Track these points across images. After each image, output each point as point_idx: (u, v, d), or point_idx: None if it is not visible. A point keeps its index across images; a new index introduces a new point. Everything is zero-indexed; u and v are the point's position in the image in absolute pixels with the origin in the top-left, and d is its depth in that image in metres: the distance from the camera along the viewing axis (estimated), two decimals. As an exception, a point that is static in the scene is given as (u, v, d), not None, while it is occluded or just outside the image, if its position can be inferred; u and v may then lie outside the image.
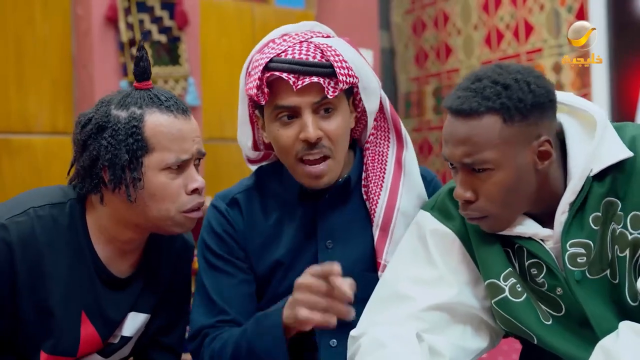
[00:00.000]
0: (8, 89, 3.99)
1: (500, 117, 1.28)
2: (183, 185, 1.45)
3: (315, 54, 1.47)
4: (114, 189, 1.42)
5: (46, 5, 4.10)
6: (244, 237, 1.59)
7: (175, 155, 1.42)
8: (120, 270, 1.52)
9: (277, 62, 1.47)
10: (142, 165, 1.41)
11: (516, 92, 1.28)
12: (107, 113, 1.42)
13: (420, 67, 5.59)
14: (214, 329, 1.53)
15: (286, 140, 1.49)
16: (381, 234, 1.55)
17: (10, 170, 3.91)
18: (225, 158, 4.82)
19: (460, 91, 1.32)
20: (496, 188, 1.31)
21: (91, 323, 1.48)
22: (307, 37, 1.52)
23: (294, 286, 1.39)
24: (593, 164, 1.32)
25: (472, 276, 1.43)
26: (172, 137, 1.42)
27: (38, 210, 1.44)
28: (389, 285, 1.45)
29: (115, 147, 1.40)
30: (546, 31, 4.59)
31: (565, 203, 1.33)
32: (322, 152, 1.48)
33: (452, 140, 1.32)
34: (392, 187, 1.58)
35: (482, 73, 1.33)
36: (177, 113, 1.44)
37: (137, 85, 1.47)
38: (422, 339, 1.36)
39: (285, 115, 1.48)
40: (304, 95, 1.46)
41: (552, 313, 1.36)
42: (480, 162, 1.30)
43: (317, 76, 1.45)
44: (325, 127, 1.48)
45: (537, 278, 1.37)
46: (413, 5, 5.68)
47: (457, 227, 1.44)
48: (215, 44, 4.74)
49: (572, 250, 1.33)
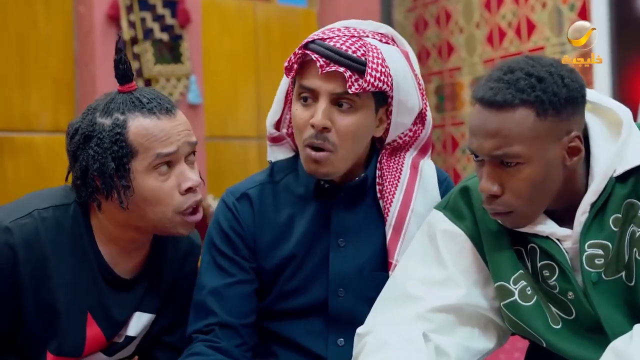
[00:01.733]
0: (10, 88, 3.99)
1: (533, 111, 1.24)
2: (176, 186, 1.43)
3: (357, 50, 1.47)
4: (107, 197, 1.42)
5: (48, 4, 4.11)
6: (252, 233, 1.58)
7: (155, 151, 1.41)
8: (125, 271, 1.52)
9: (316, 44, 1.48)
10: (130, 171, 1.40)
11: (551, 86, 1.25)
12: (92, 122, 1.42)
13: (422, 65, 5.58)
14: (199, 334, 1.53)
15: (300, 121, 1.50)
16: (394, 234, 1.54)
17: (13, 169, 3.91)
18: (228, 156, 4.82)
19: (492, 82, 1.28)
20: (524, 183, 1.27)
21: (97, 324, 1.48)
22: (363, 35, 1.52)
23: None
24: (617, 165, 1.30)
25: (482, 277, 1.42)
26: (155, 139, 1.41)
27: (42, 212, 1.44)
28: (397, 284, 1.44)
29: (101, 155, 1.39)
30: (548, 29, 4.59)
31: (586, 203, 1.31)
32: (324, 144, 1.47)
33: (481, 132, 1.28)
34: (408, 188, 1.57)
35: (515, 64, 1.29)
36: (160, 114, 1.42)
37: (120, 88, 1.46)
38: (428, 339, 1.35)
39: (306, 96, 1.49)
40: (327, 81, 1.46)
41: (562, 316, 1.35)
42: (511, 156, 1.26)
43: (345, 67, 1.45)
44: (338, 120, 1.47)
45: (549, 280, 1.34)
46: (415, 3, 5.68)
47: (469, 227, 1.42)
48: (217, 42, 4.74)
49: (590, 251, 1.30)
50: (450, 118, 5.33)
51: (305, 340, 1.56)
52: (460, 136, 5.25)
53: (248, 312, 1.55)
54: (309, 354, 1.56)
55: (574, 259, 1.33)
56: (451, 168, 5.25)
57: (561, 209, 1.35)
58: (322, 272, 1.55)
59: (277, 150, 1.67)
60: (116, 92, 1.46)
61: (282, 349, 1.58)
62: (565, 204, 1.33)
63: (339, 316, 1.54)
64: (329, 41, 1.48)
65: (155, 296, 1.57)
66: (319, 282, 1.55)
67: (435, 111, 5.40)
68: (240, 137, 4.90)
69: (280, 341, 1.58)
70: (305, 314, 1.56)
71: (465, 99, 5.21)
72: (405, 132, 1.60)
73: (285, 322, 1.57)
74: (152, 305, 1.56)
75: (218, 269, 1.57)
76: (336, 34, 1.50)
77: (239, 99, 4.89)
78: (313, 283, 1.55)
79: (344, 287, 1.54)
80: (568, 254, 1.33)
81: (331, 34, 1.50)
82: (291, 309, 1.56)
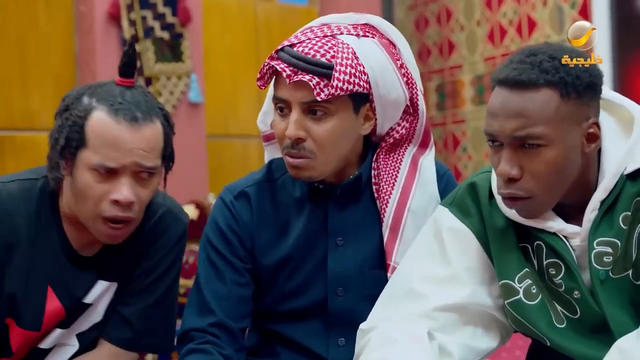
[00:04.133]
0: (11, 87, 4.00)
1: (557, 92, 1.24)
2: (107, 192, 1.40)
3: (326, 52, 1.43)
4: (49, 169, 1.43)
5: (49, 2, 4.11)
6: (249, 232, 1.56)
7: (100, 160, 1.37)
8: (88, 250, 1.51)
9: (285, 52, 1.46)
10: (76, 158, 1.40)
11: (574, 69, 1.25)
12: (78, 95, 1.42)
13: (423, 63, 5.58)
14: (199, 333, 1.51)
15: (278, 132, 1.49)
16: (391, 235, 1.53)
17: (14, 167, 3.91)
18: (229, 155, 4.82)
19: (516, 64, 1.27)
20: (545, 166, 1.26)
21: (57, 298, 1.47)
22: (337, 33, 1.49)
23: None
24: (628, 162, 1.29)
25: (488, 275, 1.41)
26: (105, 141, 1.37)
27: (7, 185, 1.46)
28: (402, 281, 1.43)
29: (61, 128, 1.41)
30: (549, 27, 4.59)
31: (596, 200, 1.30)
32: (300, 153, 1.45)
33: (503, 113, 1.26)
34: (405, 187, 1.56)
35: (537, 49, 1.29)
36: (124, 119, 1.37)
37: (118, 80, 1.44)
38: (433, 338, 1.35)
39: (282, 107, 1.47)
40: (296, 90, 1.44)
41: (567, 314, 1.34)
42: (534, 137, 1.24)
43: (312, 75, 1.41)
44: (313, 129, 1.45)
45: (555, 278, 1.34)
46: (416, 1, 5.68)
47: (475, 224, 1.41)
48: (218, 41, 4.74)
49: (599, 249, 1.29)
50: (451, 116, 5.33)
51: (306, 341, 1.55)
52: (461, 134, 5.25)
53: (244, 316, 1.55)
54: (310, 355, 1.55)
55: (581, 257, 1.32)
56: (452, 166, 5.24)
57: (571, 205, 1.34)
58: (320, 273, 1.54)
59: (274, 149, 1.65)
60: (112, 81, 1.45)
61: (283, 349, 1.58)
62: (576, 199, 1.33)
63: (339, 316, 1.54)
64: (299, 46, 1.45)
65: (118, 265, 1.53)
66: (318, 282, 1.54)
67: (436, 109, 5.40)
68: (241, 135, 4.90)
69: (282, 341, 1.58)
70: (306, 314, 1.55)
71: (466, 97, 5.21)
72: (396, 126, 1.57)
73: (285, 323, 1.57)
74: (115, 274, 1.53)
75: (214, 268, 1.55)
76: (308, 36, 1.47)
77: (240, 97, 4.89)
78: (312, 283, 1.54)
79: (343, 286, 1.53)
80: (575, 252, 1.32)
81: (303, 37, 1.47)
82: (291, 310, 1.56)
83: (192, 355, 1.48)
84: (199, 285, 1.55)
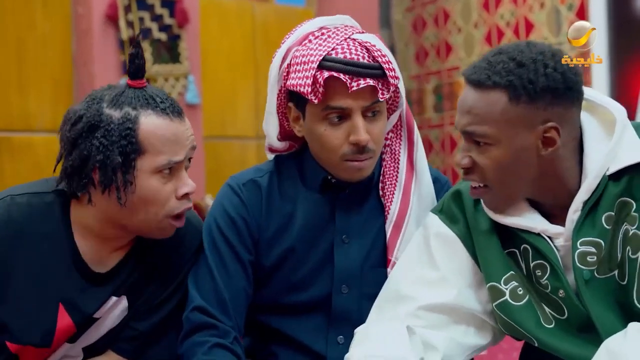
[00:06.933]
0: (9, 88, 4.00)
1: (505, 95, 1.27)
2: (174, 190, 1.42)
3: (363, 54, 1.45)
4: (103, 191, 1.39)
5: (46, 4, 4.11)
6: (257, 221, 1.56)
7: (167, 157, 1.39)
8: (102, 266, 1.48)
9: (331, 61, 1.43)
10: (135, 169, 1.38)
11: (529, 73, 1.27)
12: (99, 111, 1.38)
13: (421, 65, 5.59)
14: (213, 321, 1.49)
15: (334, 141, 1.47)
16: (394, 231, 1.55)
17: (12, 169, 3.91)
18: (226, 156, 4.83)
19: (480, 62, 1.33)
20: (490, 162, 1.31)
21: (69, 315, 1.45)
22: (348, 34, 1.50)
23: None
24: (610, 163, 1.30)
25: (475, 279, 1.43)
26: (167, 141, 1.39)
27: (16, 198, 1.43)
28: (393, 285, 1.46)
29: (107, 148, 1.36)
30: (547, 29, 4.60)
31: (579, 201, 1.32)
32: (366, 155, 1.48)
33: (460, 108, 1.34)
34: (405, 187, 1.59)
35: (506, 47, 1.32)
36: (173, 116, 1.41)
37: (131, 83, 1.44)
38: (413, 332, 1.36)
39: (335, 116, 1.47)
40: (357, 97, 1.44)
41: (555, 315, 1.36)
42: (479, 135, 1.30)
43: (371, 78, 1.43)
44: (372, 130, 1.47)
45: (542, 279, 1.35)
46: (413, 3, 5.68)
47: (461, 230, 1.44)
48: (215, 42, 4.75)
49: (583, 249, 1.31)
50: (448, 117, 5.33)
51: (305, 337, 1.56)
52: (459, 136, 5.25)
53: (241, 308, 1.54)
54: (308, 352, 1.56)
55: (566, 257, 1.34)
56: (450, 168, 5.25)
57: (552, 206, 1.36)
58: (325, 268, 1.55)
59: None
60: (125, 85, 1.43)
61: (281, 348, 1.58)
62: (556, 199, 1.34)
63: (341, 313, 1.55)
64: (336, 53, 1.45)
65: (132, 280, 1.51)
66: (323, 278, 1.55)
67: (433, 111, 5.41)
68: (238, 137, 4.90)
69: (280, 339, 1.58)
70: (308, 309, 1.56)
71: (464, 98, 5.22)
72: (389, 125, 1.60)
73: (287, 318, 1.57)
74: (126, 288, 1.51)
75: (219, 257, 1.53)
76: (332, 43, 1.46)
77: (238, 98, 4.89)
78: (318, 278, 1.55)
79: (347, 283, 1.55)
80: (559, 252, 1.34)
81: (327, 43, 1.46)
82: (295, 304, 1.56)
83: (217, 349, 1.46)
84: (210, 270, 1.52)
